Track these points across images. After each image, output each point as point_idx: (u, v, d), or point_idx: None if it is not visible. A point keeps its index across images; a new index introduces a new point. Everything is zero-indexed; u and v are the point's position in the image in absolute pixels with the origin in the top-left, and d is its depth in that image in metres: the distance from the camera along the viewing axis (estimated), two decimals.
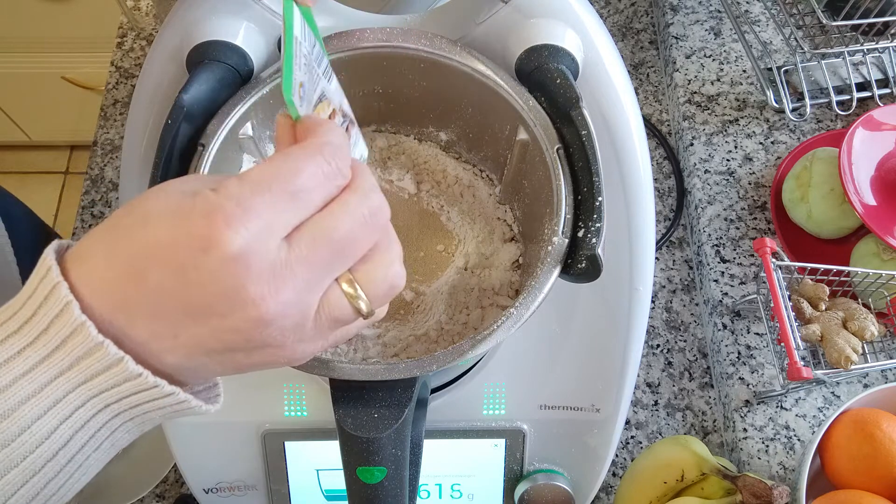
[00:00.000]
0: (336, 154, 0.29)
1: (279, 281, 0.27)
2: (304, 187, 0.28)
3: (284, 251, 0.27)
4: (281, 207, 0.27)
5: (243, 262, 0.26)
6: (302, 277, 0.27)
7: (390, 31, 0.49)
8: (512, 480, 0.60)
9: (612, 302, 0.55)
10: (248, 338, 0.28)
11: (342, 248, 0.29)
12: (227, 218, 0.26)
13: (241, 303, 0.27)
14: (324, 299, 0.29)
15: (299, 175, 0.28)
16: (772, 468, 0.66)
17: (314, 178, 0.28)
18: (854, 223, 0.72)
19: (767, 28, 0.88)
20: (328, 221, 0.28)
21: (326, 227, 0.28)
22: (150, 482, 0.68)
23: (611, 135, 0.50)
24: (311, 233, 0.28)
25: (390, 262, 0.31)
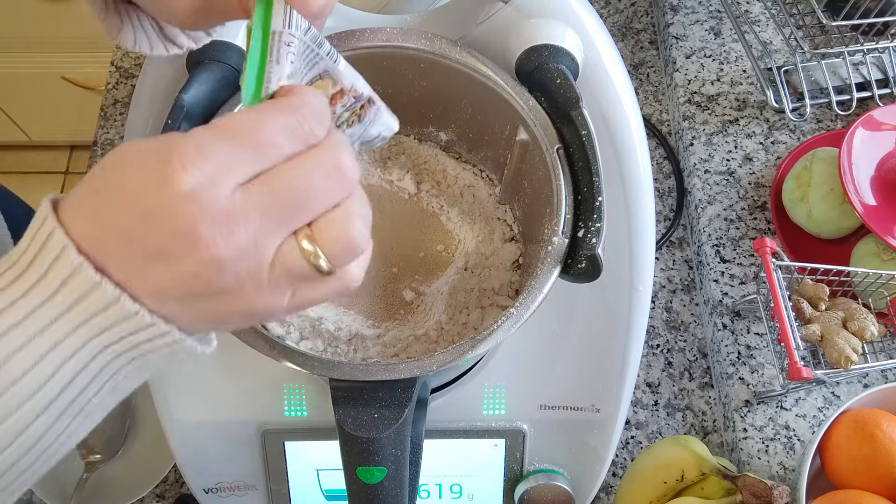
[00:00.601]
0: (310, 114, 0.29)
1: (232, 224, 0.27)
2: (270, 140, 0.28)
3: (239, 196, 0.27)
4: (241, 155, 0.28)
5: (196, 203, 0.26)
6: (255, 223, 0.27)
7: (390, 31, 0.49)
8: (512, 480, 0.60)
9: (612, 302, 0.55)
10: (206, 282, 0.28)
11: (300, 198, 0.28)
12: (182, 159, 0.26)
13: (194, 243, 0.27)
14: (279, 250, 0.29)
15: (265, 126, 0.28)
16: (772, 468, 0.66)
17: (281, 133, 0.29)
18: (854, 223, 0.72)
19: (767, 28, 0.88)
20: (288, 171, 0.28)
21: (285, 176, 0.28)
22: (150, 482, 0.68)
23: (611, 135, 0.50)
24: (269, 180, 0.28)
25: (351, 220, 0.30)
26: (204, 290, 0.28)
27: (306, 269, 0.29)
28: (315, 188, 0.29)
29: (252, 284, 0.28)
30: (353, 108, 0.37)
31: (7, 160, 1.88)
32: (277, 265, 0.29)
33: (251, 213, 0.27)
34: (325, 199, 0.29)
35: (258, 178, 0.28)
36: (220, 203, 0.27)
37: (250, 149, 0.28)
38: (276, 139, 0.28)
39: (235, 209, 0.27)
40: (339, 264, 0.30)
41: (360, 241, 0.30)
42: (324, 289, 0.31)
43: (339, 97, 0.36)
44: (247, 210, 0.27)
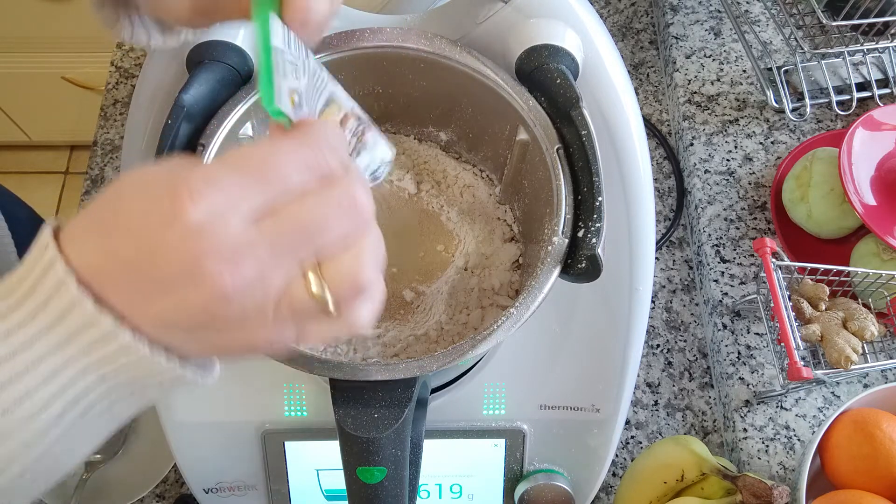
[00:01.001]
0: (326, 148, 0.29)
1: (238, 258, 0.26)
2: (281, 174, 0.28)
3: (249, 231, 0.27)
4: (252, 188, 0.27)
5: (203, 237, 0.26)
6: (263, 259, 0.27)
7: (390, 31, 0.49)
8: (512, 480, 0.60)
9: (612, 302, 0.55)
10: (211, 315, 0.27)
11: (310, 234, 0.28)
12: (191, 192, 0.26)
13: (200, 278, 0.26)
14: (286, 287, 0.28)
15: (279, 159, 0.28)
16: (772, 468, 0.66)
17: (294, 166, 0.28)
18: (854, 223, 0.72)
19: (767, 28, 0.88)
20: (299, 206, 0.28)
21: (297, 211, 0.27)
22: (150, 482, 0.68)
23: (611, 135, 0.50)
24: (280, 214, 0.27)
25: (361, 261, 0.29)
26: (209, 323, 0.28)
27: (312, 308, 0.28)
28: (327, 224, 0.28)
29: (257, 319, 0.28)
30: (357, 132, 0.36)
31: (7, 160, 1.88)
32: (283, 301, 0.28)
33: (259, 248, 0.27)
34: (337, 236, 0.28)
35: (269, 212, 0.27)
36: (229, 237, 0.26)
37: (262, 182, 0.27)
38: (289, 173, 0.28)
39: (244, 244, 0.26)
40: (345, 304, 0.29)
41: (369, 285, 0.29)
42: (330, 329, 0.30)
43: (346, 122, 0.35)
44: (255, 245, 0.27)
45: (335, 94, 0.34)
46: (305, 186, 0.28)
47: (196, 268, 0.26)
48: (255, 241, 0.27)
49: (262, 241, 0.27)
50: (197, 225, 0.26)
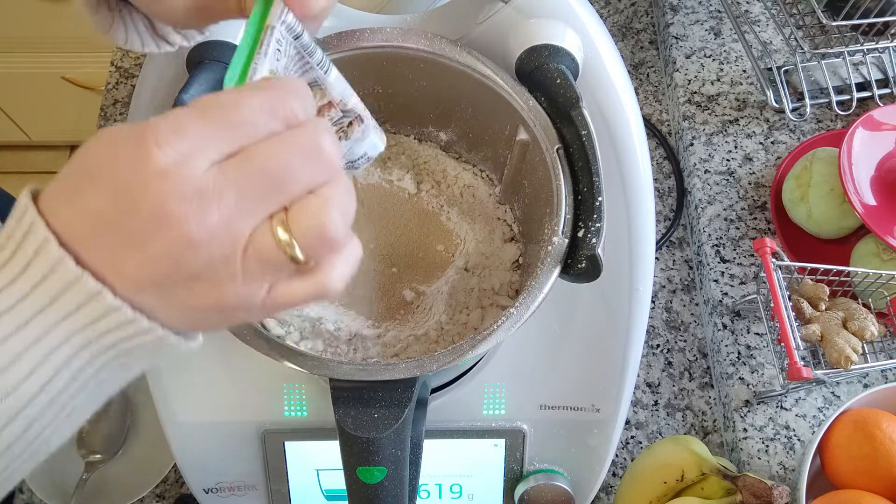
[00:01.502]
0: (290, 94, 0.28)
1: (204, 203, 0.26)
2: (248, 118, 0.27)
3: (213, 173, 0.27)
4: (217, 133, 0.27)
5: (168, 180, 0.26)
6: (229, 202, 0.27)
7: (390, 31, 0.49)
8: (512, 480, 0.60)
9: (612, 302, 0.55)
10: (177, 263, 0.27)
11: (276, 178, 0.27)
12: (157, 138, 0.26)
13: (166, 221, 0.26)
14: (253, 235, 0.28)
15: (244, 104, 0.28)
16: (772, 468, 0.66)
17: (260, 111, 0.28)
18: (854, 223, 0.72)
19: (767, 28, 0.88)
20: (264, 149, 0.27)
21: (261, 154, 0.27)
22: (150, 482, 0.68)
23: (611, 135, 0.50)
24: (245, 158, 0.27)
25: (327, 208, 0.28)
26: (176, 273, 0.27)
27: (280, 257, 0.28)
28: (292, 169, 0.28)
29: (225, 270, 0.28)
30: (341, 123, 0.36)
31: (7, 160, 1.88)
32: (251, 251, 0.28)
33: (225, 192, 0.27)
34: (302, 181, 0.28)
35: (234, 156, 0.27)
36: (193, 180, 0.26)
37: (227, 126, 0.27)
38: (254, 117, 0.28)
39: (208, 187, 0.26)
40: (314, 256, 0.28)
41: (335, 232, 0.28)
42: (301, 286, 0.29)
43: (327, 110, 0.35)
44: (220, 188, 0.26)
45: (322, 80, 0.34)
46: (271, 131, 0.28)
47: (161, 211, 0.26)
48: (220, 185, 0.27)
49: (228, 184, 0.27)
50: (162, 168, 0.26)
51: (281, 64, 0.32)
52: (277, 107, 0.28)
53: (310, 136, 0.28)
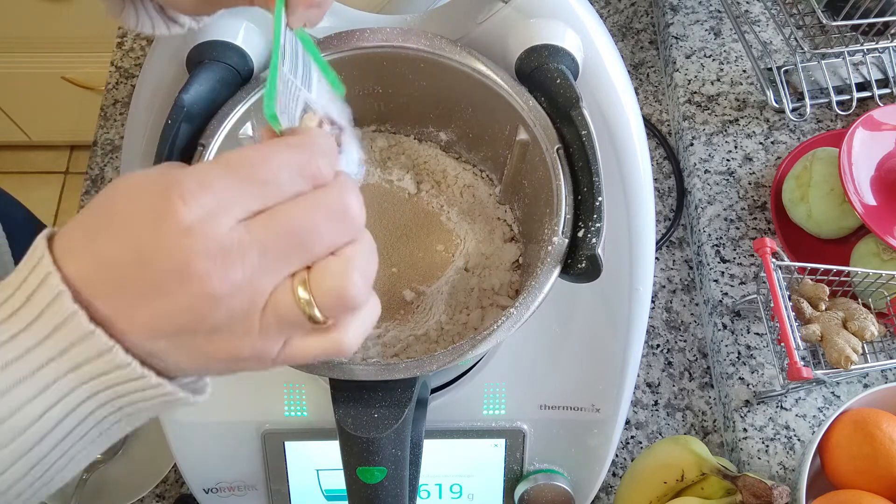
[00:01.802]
0: (318, 153, 0.28)
1: (228, 260, 0.26)
2: (274, 177, 0.27)
3: (239, 232, 0.27)
4: (244, 190, 0.27)
5: (193, 237, 0.26)
6: (252, 261, 0.27)
7: (390, 31, 0.49)
8: (512, 480, 0.60)
9: (612, 302, 0.55)
10: (198, 317, 0.27)
11: (301, 239, 0.27)
12: (182, 193, 0.26)
13: (188, 277, 0.26)
14: (274, 293, 0.28)
15: (270, 163, 0.28)
16: (772, 468, 0.66)
17: (287, 170, 0.28)
18: (854, 223, 0.72)
19: (767, 28, 0.88)
20: (291, 209, 0.27)
21: (287, 213, 0.27)
22: (150, 482, 0.68)
23: (611, 135, 0.50)
24: (271, 217, 0.27)
25: (349, 270, 0.28)
26: (195, 326, 0.27)
27: (298, 316, 0.28)
28: (317, 230, 0.28)
29: (243, 325, 0.28)
30: (334, 134, 0.35)
31: (7, 160, 1.88)
32: (270, 308, 0.28)
33: (249, 251, 0.27)
34: (327, 241, 0.28)
35: (260, 214, 0.27)
36: (219, 238, 0.26)
37: (254, 184, 0.27)
38: (281, 176, 0.27)
39: (233, 245, 0.26)
40: (333, 315, 0.29)
41: (356, 294, 0.28)
42: (317, 344, 0.29)
43: (321, 127, 0.35)
44: (245, 247, 0.27)
45: (308, 100, 0.34)
46: (297, 191, 0.28)
47: (185, 267, 0.26)
48: (245, 243, 0.27)
49: (253, 243, 0.27)
50: (187, 224, 0.26)
51: (283, 89, 0.31)
52: (305, 165, 0.28)
53: (336, 196, 0.28)
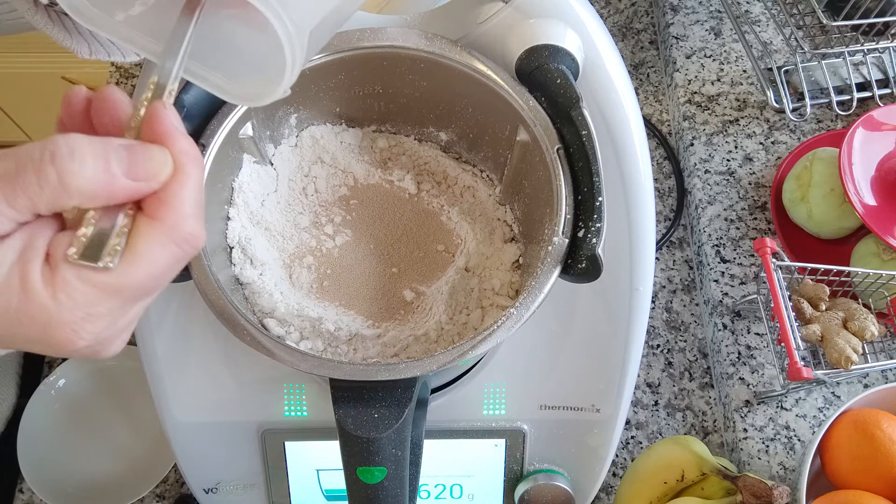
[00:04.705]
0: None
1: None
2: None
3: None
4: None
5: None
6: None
7: (390, 31, 0.49)
8: (512, 480, 0.60)
9: (612, 302, 0.55)
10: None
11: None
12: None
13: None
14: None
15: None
16: (772, 468, 0.66)
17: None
18: (854, 223, 0.72)
19: (767, 28, 0.88)
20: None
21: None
22: (150, 482, 0.68)
23: (611, 135, 0.50)
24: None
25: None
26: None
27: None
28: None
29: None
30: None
31: None
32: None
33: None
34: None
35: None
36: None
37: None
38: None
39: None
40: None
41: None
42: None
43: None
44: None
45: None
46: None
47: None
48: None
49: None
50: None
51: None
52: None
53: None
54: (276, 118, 0.51)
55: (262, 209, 0.51)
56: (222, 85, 0.33)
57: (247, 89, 0.33)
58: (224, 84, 0.33)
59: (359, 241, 0.52)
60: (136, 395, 0.73)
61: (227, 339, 0.47)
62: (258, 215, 0.50)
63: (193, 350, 0.54)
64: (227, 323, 0.42)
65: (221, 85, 0.33)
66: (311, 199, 0.53)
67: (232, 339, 0.42)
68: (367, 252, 0.52)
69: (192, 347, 0.54)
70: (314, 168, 0.53)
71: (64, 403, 0.72)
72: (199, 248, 0.30)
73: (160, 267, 0.29)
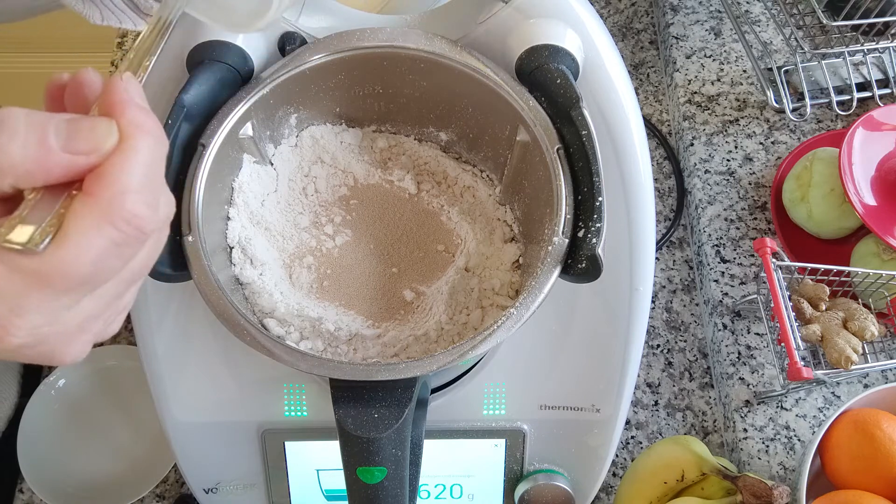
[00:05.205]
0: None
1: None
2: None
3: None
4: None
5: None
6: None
7: (390, 31, 0.49)
8: (512, 480, 0.60)
9: (612, 302, 0.55)
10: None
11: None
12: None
13: None
14: None
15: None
16: (772, 468, 0.66)
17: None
18: (854, 223, 0.72)
19: (768, 28, 0.88)
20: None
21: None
22: (150, 482, 0.68)
23: (611, 135, 0.50)
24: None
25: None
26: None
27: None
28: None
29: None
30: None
31: None
32: None
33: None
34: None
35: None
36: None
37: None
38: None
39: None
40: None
41: None
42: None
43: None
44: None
45: None
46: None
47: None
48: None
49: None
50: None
51: None
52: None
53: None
54: (276, 118, 0.51)
55: (262, 209, 0.51)
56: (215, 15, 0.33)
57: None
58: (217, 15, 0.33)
59: (359, 241, 0.52)
60: (136, 395, 0.73)
61: (227, 339, 0.47)
62: (258, 215, 0.50)
63: (193, 350, 0.54)
64: (227, 323, 0.42)
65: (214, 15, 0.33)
66: (311, 199, 0.53)
67: (232, 339, 0.42)
68: (367, 252, 0.52)
69: (192, 347, 0.54)
70: (314, 168, 0.53)
71: (64, 403, 0.72)
72: (147, 231, 0.27)
73: (96, 250, 0.26)
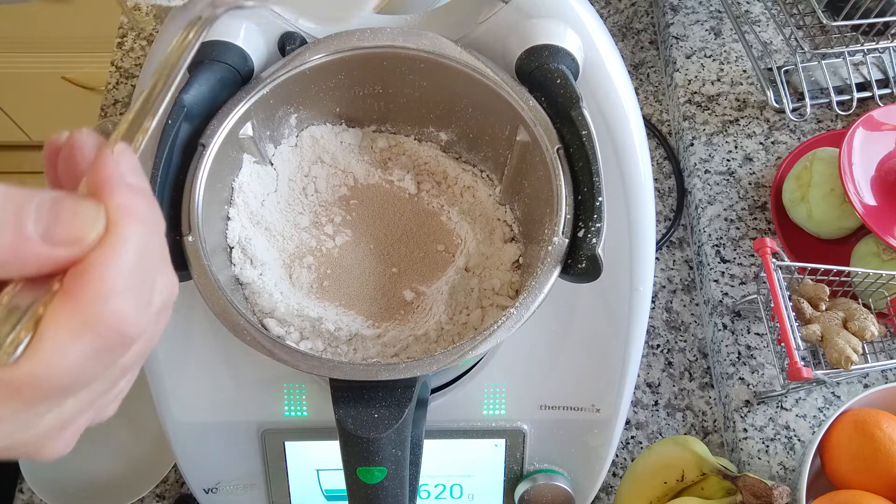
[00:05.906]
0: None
1: None
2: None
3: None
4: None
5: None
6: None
7: (390, 31, 0.49)
8: (512, 480, 0.60)
9: (612, 302, 0.55)
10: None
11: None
12: None
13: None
14: None
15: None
16: (772, 468, 0.66)
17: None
18: (854, 223, 0.72)
19: (768, 28, 0.88)
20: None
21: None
22: (150, 482, 0.68)
23: (611, 135, 0.50)
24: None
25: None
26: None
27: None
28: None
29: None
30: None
31: (7, 160, 1.88)
32: None
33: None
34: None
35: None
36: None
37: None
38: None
39: None
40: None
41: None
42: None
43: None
44: None
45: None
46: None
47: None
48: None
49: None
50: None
51: None
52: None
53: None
54: (276, 118, 0.51)
55: (262, 209, 0.51)
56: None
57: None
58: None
59: (359, 241, 0.52)
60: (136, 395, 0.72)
61: (227, 339, 0.47)
62: (258, 215, 0.50)
63: (193, 350, 0.54)
64: (227, 323, 0.42)
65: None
66: (311, 199, 0.53)
67: (232, 339, 0.42)
68: (367, 252, 0.52)
69: (192, 347, 0.54)
70: (314, 168, 0.53)
71: None
72: (132, 336, 0.23)
73: (72, 359, 0.22)
